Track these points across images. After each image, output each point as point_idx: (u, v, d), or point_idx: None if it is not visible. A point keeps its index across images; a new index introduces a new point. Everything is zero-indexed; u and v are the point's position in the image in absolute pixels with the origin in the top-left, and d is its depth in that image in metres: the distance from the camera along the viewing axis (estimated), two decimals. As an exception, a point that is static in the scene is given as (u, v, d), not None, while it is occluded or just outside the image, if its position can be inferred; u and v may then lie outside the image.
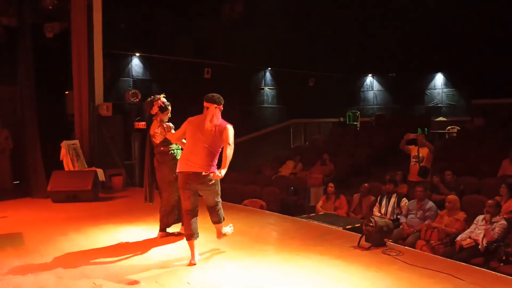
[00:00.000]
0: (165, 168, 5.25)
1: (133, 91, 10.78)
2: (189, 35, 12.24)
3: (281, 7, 13.39)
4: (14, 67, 9.02)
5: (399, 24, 14.67)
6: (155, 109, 5.18)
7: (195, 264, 4.45)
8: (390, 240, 5.42)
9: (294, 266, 4.44)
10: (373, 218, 5.02)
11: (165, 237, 5.44)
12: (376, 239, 4.91)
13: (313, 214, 7.32)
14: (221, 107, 4.50)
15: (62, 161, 8.92)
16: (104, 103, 9.86)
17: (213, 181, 4.46)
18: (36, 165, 8.57)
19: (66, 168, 8.79)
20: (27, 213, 7.17)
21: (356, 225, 6.10)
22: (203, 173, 4.38)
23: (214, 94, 4.52)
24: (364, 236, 5.05)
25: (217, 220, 4.70)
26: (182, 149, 5.07)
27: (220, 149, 4.46)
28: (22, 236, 5.67)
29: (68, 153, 8.76)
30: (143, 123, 11.13)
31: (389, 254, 4.70)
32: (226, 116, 4.57)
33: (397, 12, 14.68)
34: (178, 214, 5.34)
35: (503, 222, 5.97)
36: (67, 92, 10.00)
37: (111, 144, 9.79)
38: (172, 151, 5.25)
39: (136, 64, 11.98)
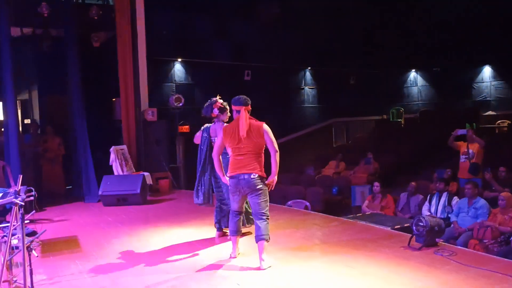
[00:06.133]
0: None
1: (176, 96, 11.01)
2: (228, 38, 12.39)
3: (317, 5, 13.30)
4: (63, 77, 9.42)
5: (442, 17, 14.25)
6: (215, 112, 5.33)
7: (235, 257, 4.68)
8: (441, 240, 5.27)
9: (342, 267, 4.40)
10: (424, 217, 4.90)
11: (222, 236, 5.55)
12: (427, 239, 4.79)
13: (360, 214, 7.22)
14: (249, 107, 4.55)
15: (111, 166, 9.23)
16: (149, 108, 10.14)
17: (261, 186, 4.39)
18: (87, 170, 8.92)
19: (115, 173, 9.09)
20: (81, 217, 7.49)
21: (405, 225, 5.95)
22: (252, 176, 4.38)
23: (240, 96, 4.57)
24: (414, 236, 4.94)
25: (261, 235, 4.39)
26: None
27: (264, 149, 4.47)
28: (77, 239, 5.92)
29: (117, 158, 9.05)
30: (187, 126, 11.36)
31: (441, 255, 4.58)
32: (266, 117, 4.59)
33: (439, 3, 14.26)
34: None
35: None
36: (114, 99, 10.35)
37: (157, 148, 10.04)
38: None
39: (178, 69, 12.24)
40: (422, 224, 4.83)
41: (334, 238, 5.51)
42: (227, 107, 5.36)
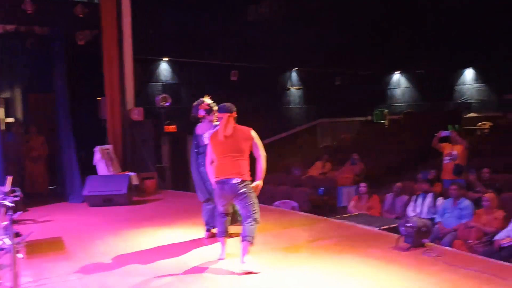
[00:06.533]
0: None
1: (163, 95, 10.94)
2: (215, 38, 12.33)
3: (305, 7, 13.35)
4: (48, 75, 9.26)
5: (426, 20, 14.45)
6: (201, 113, 5.35)
7: (223, 259, 4.65)
8: (428, 241, 5.34)
9: (331, 268, 4.42)
10: (412, 218, 4.95)
11: (210, 237, 5.51)
12: (415, 240, 4.84)
13: (347, 215, 7.27)
14: (234, 114, 4.56)
15: (95, 166, 9.11)
16: (135, 107, 10.05)
17: (245, 190, 4.37)
18: (71, 170, 8.79)
19: (100, 173, 8.98)
20: (66, 218, 7.37)
21: (392, 226, 6.02)
22: (234, 181, 4.36)
23: (225, 103, 4.60)
24: (402, 236, 4.99)
25: (245, 236, 4.34)
26: None
27: (249, 153, 4.49)
28: (62, 240, 5.81)
29: (103, 158, 8.94)
30: (173, 126, 11.30)
31: (429, 255, 4.63)
32: (253, 117, 4.61)
33: (423, 7, 14.44)
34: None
35: (545, 220, 5.82)
36: (99, 98, 10.23)
37: (143, 148, 9.95)
38: None
39: (164, 68, 12.16)
40: (410, 224, 4.89)
41: (322, 238, 5.53)
42: (214, 107, 5.35)
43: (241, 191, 4.36)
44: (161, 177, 10.32)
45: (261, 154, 4.47)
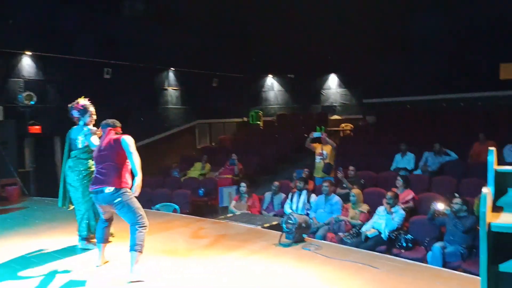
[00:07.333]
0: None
1: (27, 93, 9.91)
2: (88, 32, 11.54)
3: (184, 7, 13.23)
4: None
5: (297, 26, 15.33)
6: (75, 114, 5.12)
7: (101, 266, 4.54)
8: (306, 235, 5.69)
9: (218, 267, 4.47)
10: (293, 215, 5.23)
11: (88, 244, 5.22)
12: (296, 236, 5.13)
13: (230, 215, 7.38)
14: (118, 129, 4.61)
15: None
16: (-6, 106, 8.98)
17: (120, 199, 4.26)
18: None
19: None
20: None
21: (274, 223, 6.29)
22: (107, 190, 4.28)
23: (108, 120, 4.63)
24: (284, 233, 5.24)
25: (133, 245, 4.19)
26: None
27: (124, 159, 4.41)
28: None
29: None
30: (38, 127, 10.32)
31: (309, 249, 4.94)
32: (129, 117, 4.52)
33: (295, 13, 15.27)
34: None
35: (401, 211, 6.61)
36: None
37: (3, 151, 8.92)
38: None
39: (27, 63, 11.01)
40: (291, 221, 5.16)
41: (208, 240, 5.55)
42: (90, 108, 5.16)
43: (116, 200, 4.27)
44: (24, 183, 9.35)
45: (135, 159, 4.33)
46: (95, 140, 4.89)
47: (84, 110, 5.12)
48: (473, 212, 6.03)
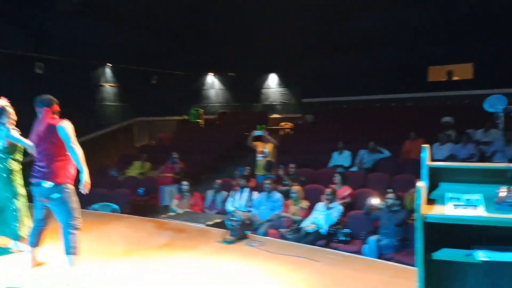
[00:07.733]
0: None
1: None
2: (19, 25, 10.90)
3: (123, 2, 12.83)
4: None
5: (237, 25, 15.40)
6: None
7: (33, 268, 4.29)
8: (249, 232, 5.77)
9: (162, 265, 4.44)
10: (236, 212, 5.29)
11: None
12: (240, 233, 5.20)
13: (174, 214, 7.30)
14: (55, 108, 4.13)
15: None
16: None
17: (59, 196, 3.98)
18: None
19: None
20: None
21: (217, 221, 6.31)
22: (45, 184, 3.97)
23: (43, 96, 4.15)
24: (228, 230, 5.29)
25: (68, 248, 3.98)
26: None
27: (64, 149, 4.03)
28: None
29: None
30: None
31: (252, 246, 5.03)
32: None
33: (236, 12, 15.33)
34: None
35: (339, 207, 6.88)
36: None
37: None
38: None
39: None
40: (235, 219, 5.22)
41: (152, 240, 5.48)
42: (8, 109, 4.76)
43: (55, 196, 3.97)
44: None
45: (73, 147, 3.98)
46: (15, 133, 4.62)
47: (1, 110, 4.72)
48: (405, 207, 6.41)
